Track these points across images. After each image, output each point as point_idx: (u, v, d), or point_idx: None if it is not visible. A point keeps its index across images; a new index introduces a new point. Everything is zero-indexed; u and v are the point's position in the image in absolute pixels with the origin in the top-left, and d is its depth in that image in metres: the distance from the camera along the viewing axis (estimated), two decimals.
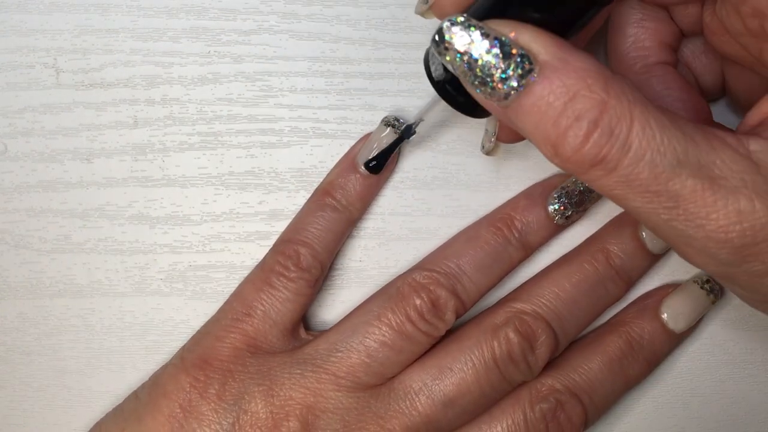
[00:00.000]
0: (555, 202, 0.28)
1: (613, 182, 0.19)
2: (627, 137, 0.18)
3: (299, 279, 0.27)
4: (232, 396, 0.26)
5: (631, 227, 0.28)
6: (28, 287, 0.29)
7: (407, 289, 0.27)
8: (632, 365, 0.28)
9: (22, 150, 0.29)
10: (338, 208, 0.28)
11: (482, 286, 0.28)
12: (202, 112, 0.29)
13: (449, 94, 0.23)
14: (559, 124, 0.19)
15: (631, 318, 0.29)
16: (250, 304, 0.27)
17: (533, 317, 0.27)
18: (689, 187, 0.18)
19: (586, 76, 0.18)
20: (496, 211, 0.29)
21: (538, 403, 0.27)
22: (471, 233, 0.28)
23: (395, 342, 0.26)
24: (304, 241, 0.28)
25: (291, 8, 0.29)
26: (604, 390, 0.28)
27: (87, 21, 0.29)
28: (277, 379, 0.26)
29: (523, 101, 0.19)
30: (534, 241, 0.28)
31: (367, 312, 0.27)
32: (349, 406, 0.26)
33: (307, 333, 0.28)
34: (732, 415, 0.31)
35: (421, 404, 0.26)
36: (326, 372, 0.26)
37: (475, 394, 0.26)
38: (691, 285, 0.29)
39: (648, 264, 0.29)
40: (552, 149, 0.19)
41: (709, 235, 0.19)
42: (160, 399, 0.26)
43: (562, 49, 0.19)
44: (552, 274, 0.28)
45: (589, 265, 0.28)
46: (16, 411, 0.30)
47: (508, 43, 0.19)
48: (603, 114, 0.18)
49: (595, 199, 0.29)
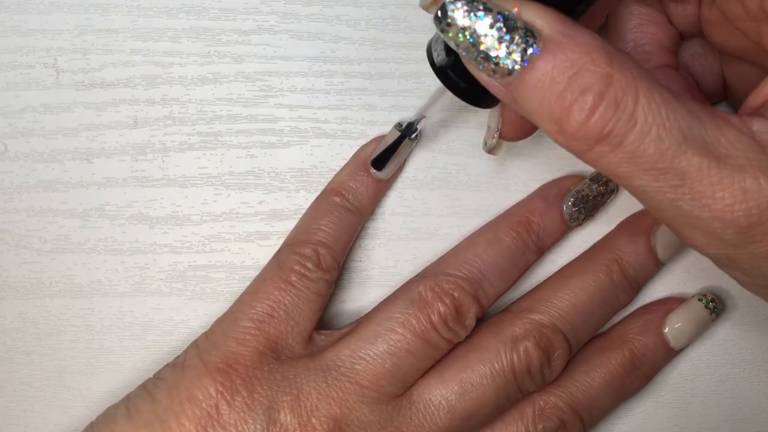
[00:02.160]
0: (570, 206, 0.28)
1: (619, 158, 0.18)
2: (633, 111, 0.18)
3: (320, 279, 0.27)
4: (261, 406, 0.25)
5: (645, 236, 0.28)
6: (28, 287, 0.29)
7: (431, 295, 0.26)
8: (633, 382, 0.28)
9: (22, 150, 0.29)
10: (351, 210, 0.28)
11: (500, 290, 0.28)
12: (202, 112, 0.29)
13: (451, 80, 0.23)
14: (563, 99, 0.18)
15: (635, 334, 0.29)
16: (272, 304, 0.26)
17: (552, 330, 0.27)
18: (695, 165, 0.18)
19: (590, 51, 0.18)
20: (513, 212, 0.29)
21: (541, 422, 0.27)
22: (491, 236, 0.28)
23: (419, 350, 0.26)
24: (322, 241, 0.27)
25: (291, 8, 0.29)
26: (603, 406, 0.28)
27: (87, 21, 0.29)
28: (303, 388, 0.26)
29: (527, 77, 0.19)
30: (548, 244, 0.29)
31: (389, 318, 0.26)
32: (372, 419, 0.26)
33: (319, 333, 0.28)
34: (732, 416, 0.31)
35: (441, 419, 0.26)
36: (350, 381, 0.26)
37: (492, 406, 0.26)
38: (695, 303, 0.29)
39: (655, 271, 0.29)
40: (556, 126, 0.19)
41: (715, 214, 0.18)
42: (185, 404, 0.25)
43: (565, 25, 0.19)
44: (569, 283, 0.28)
45: (604, 276, 0.28)
46: (16, 411, 0.30)
47: (511, 18, 0.19)
48: (608, 87, 0.18)
49: (604, 204, 0.29)
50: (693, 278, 0.30)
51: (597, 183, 0.29)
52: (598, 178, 0.29)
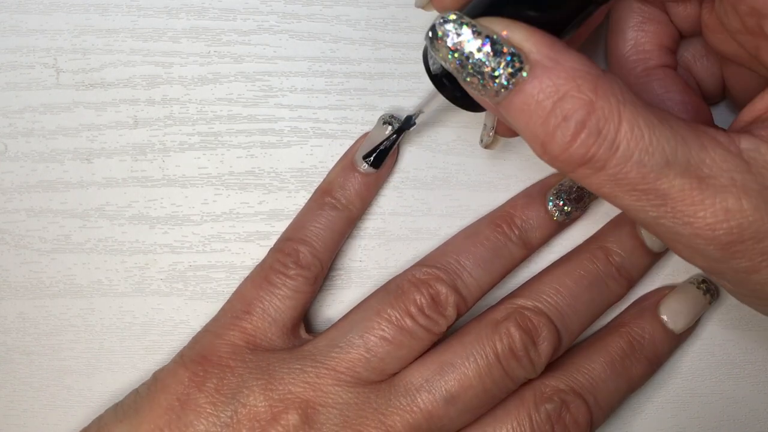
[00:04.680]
0: (553, 199, 0.28)
1: (602, 181, 0.19)
2: (615, 137, 0.19)
3: (298, 276, 0.27)
4: (230, 390, 0.26)
5: (630, 226, 0.29)
6: (28, 287, 0.29)
7: (407, 285, 0.27)
8: (634, 365, 0.28)
9: (22, 150, 0.29)
10: (337, 207, 0.28)
11: (483, 283, 0.28)
12: (202, 112, 0.29)
13: (446, 88, 0.23)
14: (547, 123, 0.19)
15: (631, 319, 0.29)
16: (249, 301, 0.27)
17: (534, 312, 0.27)
18: (677, 187, 0.19)
19: (576, 77, 0.19)
20: (496, 210, 0.29)
21: (542, 404, 0.27)
22: (470, 231, 0.29)
23: (395, 337, 0.26)
24: (302, 239, 0.28)
25: (291, 8, 0.29)
26: (608, 389, 0.28)
27: (87, 21, 0.29)
28: (276, 374, 0.26)
29: (514, 99, 0.19)
30: (534, 238, 0.29)
31: (366, 308, 0.27)
32: (349, 401, 0.26)
33: (308, 334, 0.28)
34: (732, 416, 0.31)
35: (422, 400, 0.26)
36: (326, 367, 0.26)
37: (478, 389, 0.26)
38: (687, 285, 0.29)
39: (648, 262, 0.29)
40: (541, 147, 0.19)
41: (697, 232, 0.19)
42: (159, 393, 0.26)
43: (554, 48, 0.19)
44: (552, 271, 0.28)
45: (588, 262, 0.28)
46: (16, 411, 0.30)
47: (499, 42, 0.19)
48: (590, 114, 0.18)
49: (593, 197, 0.29)
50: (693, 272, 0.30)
51: None
52: None
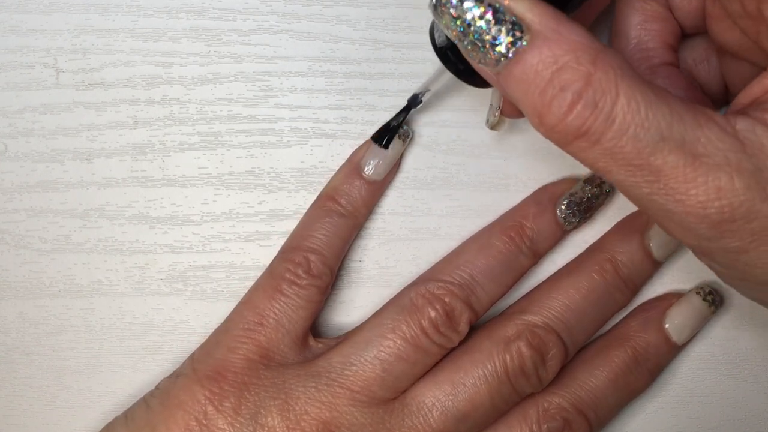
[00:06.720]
0: (564, 209, 0.28)
1: (597, 155, 0.19)
2: (611, 110, 0.18)
3: (311, 286, 0.27)
4: (248, 410, 0.26)
5: (638, 236, 0.28)
6: (28, 287, 0.29)
7: (421, 301, 0.26)
8: (637, 379, 0.28)
9: (22, 150, 0.29)
10: (344, 214, 0.28)
11: (494, 296, 0.28)
12: (202, 112, 0.29)
13: (450, 61, 0.23)
14: (545, 94, 0.19)
15: (635, 331, 0.29)
16: (261, 312, 0.27)
17: (545, 330, 0.27)
18: (670, 163, 0.19)
19: (576, 48, 0.19)
20: (506, 217, 0.29)
21: (546, 422, 0.27)
22: (483, 241, 0.28)
23: (410, 355, 0.26)
24: (313, 248, 0.27)
25: (291, 8, 0.29)
26: (609, 405, 0.28)
27: (87, 21, 0.29)
28: (292, 393, 0.26)
29: (513, 69, 0.19)
30: (543, 248, 0.28)
31: (380, 324, 0.27)
32: (364, 422, 0.26)
33: (316, 341, 0.28)
34: (732, 416, 0.31)
35: (435, 420, 0.26)
36: (341, 386, 0.26)
37: (487, 407, 0.26)
38: (693, 297, 0.29)
39: (653, 271, 0.29)
40: (538, 118, 0.19)
41: (688, 209, 0.19)
42: (174, 410, 0.26)
43: (556, 20, 0.19)
44: (561, 284, 0.28)
45: (597, 275, 0.28)
46: (16, 411, 0.30)
47: (501, 10, 0.19)
48: (587, 86, 0.18)
49: (600, 206, 0.29)
50: (694, 278, 0.30)
51: (591, 185, 0.28)
52: (592, 180, 0.29)
